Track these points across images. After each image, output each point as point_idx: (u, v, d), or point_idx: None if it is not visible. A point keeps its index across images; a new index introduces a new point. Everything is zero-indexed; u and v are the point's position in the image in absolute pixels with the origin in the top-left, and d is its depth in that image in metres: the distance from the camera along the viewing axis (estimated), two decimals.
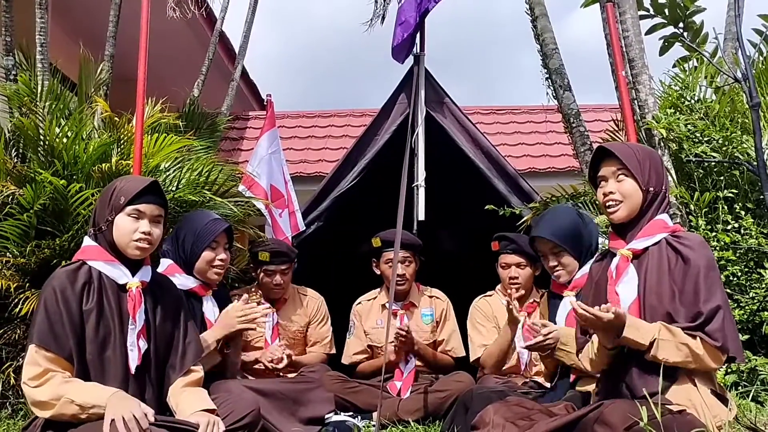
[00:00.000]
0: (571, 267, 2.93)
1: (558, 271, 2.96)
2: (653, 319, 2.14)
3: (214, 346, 2.79)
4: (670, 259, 2.19)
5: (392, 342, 3.52)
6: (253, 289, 3.85)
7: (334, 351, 3.96)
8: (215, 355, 2.82)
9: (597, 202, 2.41)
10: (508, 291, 3.50)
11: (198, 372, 2.40)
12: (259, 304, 3.63)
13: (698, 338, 2.05)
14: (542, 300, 3.30)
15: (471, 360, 3.59)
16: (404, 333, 3.53)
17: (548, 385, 3.19)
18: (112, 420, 2.01)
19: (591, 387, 2.53)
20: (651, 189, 2.25)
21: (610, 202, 2.28)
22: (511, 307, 3.17)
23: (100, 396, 2.10)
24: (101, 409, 2.07)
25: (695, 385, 2.07)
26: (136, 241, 2.29)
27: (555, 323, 2.88)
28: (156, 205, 2.36)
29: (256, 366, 3.56)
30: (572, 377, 2.80)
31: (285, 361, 3.48)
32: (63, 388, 2.11)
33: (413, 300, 3.87)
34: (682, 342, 2.05)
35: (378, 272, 3.92)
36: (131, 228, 2.29)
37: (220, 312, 3.08)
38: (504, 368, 3.50)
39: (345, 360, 3.90)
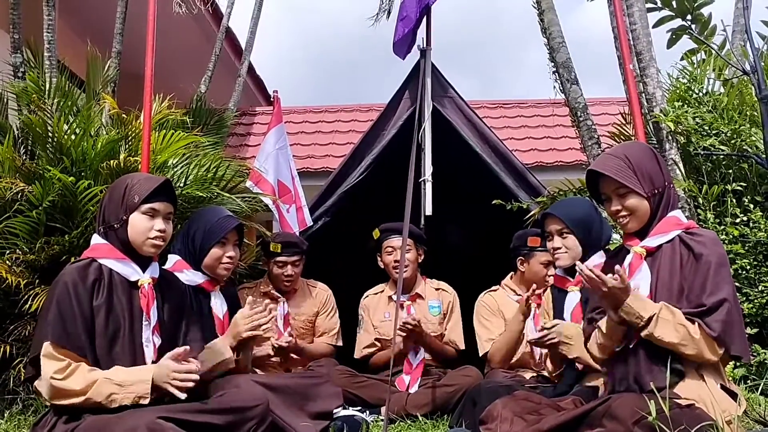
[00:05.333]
0: (573, 252, 2.90)
1: (560, 253, 2.94)
2: None
3: (230, 355, 2.67)
4: (682, 256, 2.19)
5: (403, 330, 3.51)
6: (263, 282, 3.87)
7: (341, 343, 3.99)
8: (230, 362, 2.70)
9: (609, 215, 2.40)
10: (541, 286, 3.48)
11: None
12: (266, 295, 3.67)
13: (697, 324, 2.06)
14: (545, 294, 3.30)
15: (480, 355, 3.59)
16: (414, 324, 3.51)
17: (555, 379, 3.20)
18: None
19: (598, 382, 2.53)
20: (655, 192, 2.24)
21: (621, 219, 2.28)
22: (530, 302, 3.17)
23: (140, 372, 2.16)
24: (144, 385, 2.13)
25: (704, 380, 2.07)
26: (153, 239, 2.33)
27: (563, 318, 2.88)
28: (168, 202, 2.39)
29: (268, 362, 3.58)
30: (579, 367, 2.80)
31: (290, 339, 3.56)
32: (95, 374, 2.15)
33: (419, 291, 3.88)
34: (680, 323, 2.06)
35: (382, 266, 3.93)
36: (147, 226, 2.32)
37: (228, 307, 3.09)
38: (512, 362, 3.50)
39: (356, 354, 3.92)
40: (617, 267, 2.10)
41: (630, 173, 2.23)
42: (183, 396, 2.15)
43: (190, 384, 2.16)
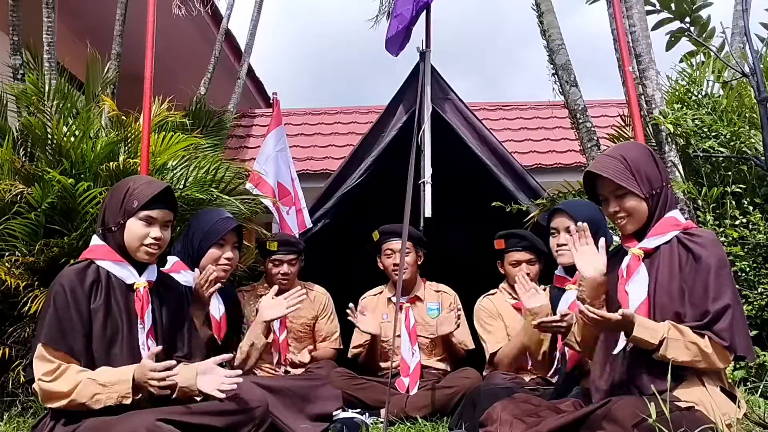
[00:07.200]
0: None
1: (563, 250, 2.94)
2: (663, 319, 2.13)
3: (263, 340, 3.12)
4: (681, 258, 2.17)
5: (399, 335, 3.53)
6: (260, 284, 3.87)
7: (341, 346, 3.99)
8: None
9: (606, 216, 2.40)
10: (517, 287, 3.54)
11: None
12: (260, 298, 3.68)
13: (706, 337, 2.04)
14: (545, 294, 3.30)
15: (488, 354, 3.58)
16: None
17: (549, 376, 3.25)
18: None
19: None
20: (653, 193, 2.23)
21: (619, 220, 2.27)
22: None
23: (122, 372, 2.16)
24: (126, 384, 2.13)
25: (704, 383, 2.07)
26: (147, 246, 2.33)
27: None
28: (168, 209, 2.39)
29: (267, 366, 3.60)
30: (569, 365, 2.80)
31: (308, 357, 3.67)
32: (81, 375, 2.15)
33: (418, 294, 3.89)
34: (691, 341, 2.04)
35: (382, 267, 3.93)
36: (143, 233, 2.32)
37: (226, 309, 3.09)
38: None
39: (349, 354, 3.94)
40: (621, 311, 2.07)
41: (628, 174, 2.22)
42: (166, 392, 2.17)
43: (171, 382, 2.16)
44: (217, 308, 3.05)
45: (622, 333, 2.16)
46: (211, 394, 2.20)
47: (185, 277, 2.94)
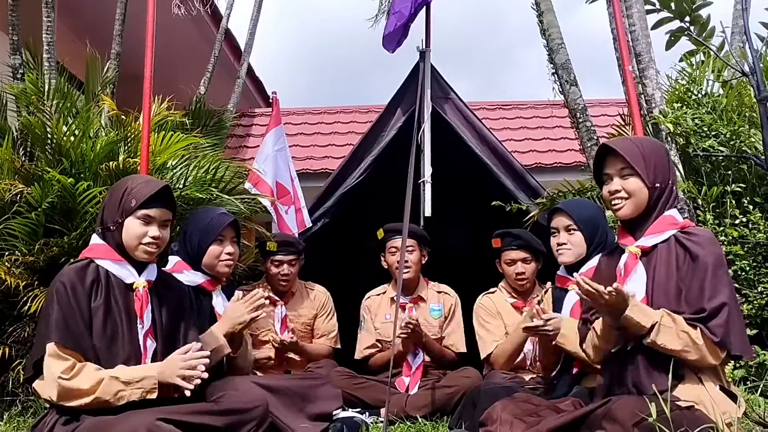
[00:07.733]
0: (578, 250, 2.91)
1: (564, 249, 2.95)
2: None
3: (224, 341, 2.79)
4: (678, 257, 2.18)
5: (401, 333, 3.52)
6: (261, 284, 3.88)
7: (339, 345, 3.99)
8: (225, 348, 2.80)
9: (603, 198, 2.40)
10: (514, 286, 3.61)
11: None
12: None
13: (699, 329, 2.05)
14: (547, 295, 3.30)
15: (482, 357, 3.59)
16: (413, 325, 3.52)
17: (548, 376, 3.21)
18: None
19: (597, 383, 2.52)
20: (657, 185, 2.24)
21: (616, 201, 2.27)
22: (534, 314, 3.12)
23: (145, 369, 2.19)
24: (151, 380, 2.15)
25: (703, 382, 2.07)
26: (145, 245, 2.32)
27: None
28: (166, 209, 2.38)
29: (269, 363, 3.59)
30: (575, 370, 2.80)
31: (291, 335, 3.63)
32: (101, 373, 2.16)
33: (421, 294, 3.89)
34: (683, 330, 2.05)
35: (386, 266, 3.93)
36: (141, 232, 2.32)
37: None
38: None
39: (357, 355, 3.92)
40: (615, 284, 2.08)
41: (639, 158, 2.25)
42: (190, 386, 2.16)
43: (201, 369, 2.18)
44: (222, 306, 3.05)
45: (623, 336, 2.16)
46: (179, 386, 2.17)
47: (188, 276, 2.94)
